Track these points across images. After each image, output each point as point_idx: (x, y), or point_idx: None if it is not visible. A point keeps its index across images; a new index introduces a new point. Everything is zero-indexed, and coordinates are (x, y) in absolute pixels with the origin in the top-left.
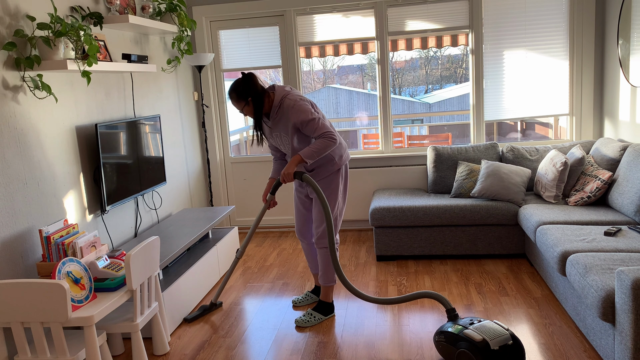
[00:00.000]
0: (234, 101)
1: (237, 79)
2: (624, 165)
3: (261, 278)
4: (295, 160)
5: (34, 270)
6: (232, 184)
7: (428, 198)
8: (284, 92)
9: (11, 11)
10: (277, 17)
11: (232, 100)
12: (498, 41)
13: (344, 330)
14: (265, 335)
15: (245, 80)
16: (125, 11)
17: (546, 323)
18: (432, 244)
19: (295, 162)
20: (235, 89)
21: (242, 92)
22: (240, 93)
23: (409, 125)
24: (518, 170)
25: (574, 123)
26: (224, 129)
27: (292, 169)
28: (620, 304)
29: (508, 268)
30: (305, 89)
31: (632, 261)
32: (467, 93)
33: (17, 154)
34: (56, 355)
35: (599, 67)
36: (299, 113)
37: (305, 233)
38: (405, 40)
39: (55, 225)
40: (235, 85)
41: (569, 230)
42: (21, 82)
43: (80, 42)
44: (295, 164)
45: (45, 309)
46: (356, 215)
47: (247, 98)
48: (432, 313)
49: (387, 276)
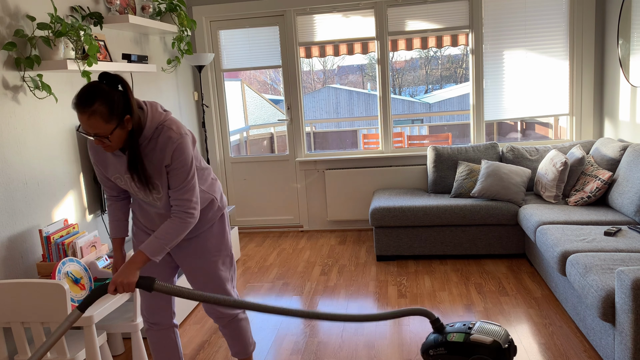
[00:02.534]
0: (95, 120)
1: (93, 83)
2: (624, 165)
3: (261, 278)
4: (138, 261)
5: (34, 270)
6: (232, 184)
7: (428, 198)
8: (160, 117)
9: (11, 11)
10: (277, 17)
11: (89, 118)
12: (498, 41)
13: (344, 330)
14: (265, 335)
15: (123, 87)
16: (125, 11)
17: (546, 323)
18: (432, 244)
19: (137, 265)
20: (106, 97)
21: (117, 105)
22: (115, 107)
23: (409, 125)
24: (518, 170)
25: (574, 123)
26: (224, 129)
27: (134, 276)
28: (620, 304)
29: (508, 268)
30: (305, 89)
31: (632, 261)
32: (467, 93)
33: (17, 154)
34: (56, 355)
35: (599, 67)
36: (180, 157)
37: (160, 314)
38: (405, 40)
39: (55, 225)
40: (104, 93)
41: (569, 230)
42: (21, 82)
43: (80, 42)
44: (138, 267)
45: (45, 309)
46: (356, 215)
47: (124, 116)
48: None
49: (387, 276)
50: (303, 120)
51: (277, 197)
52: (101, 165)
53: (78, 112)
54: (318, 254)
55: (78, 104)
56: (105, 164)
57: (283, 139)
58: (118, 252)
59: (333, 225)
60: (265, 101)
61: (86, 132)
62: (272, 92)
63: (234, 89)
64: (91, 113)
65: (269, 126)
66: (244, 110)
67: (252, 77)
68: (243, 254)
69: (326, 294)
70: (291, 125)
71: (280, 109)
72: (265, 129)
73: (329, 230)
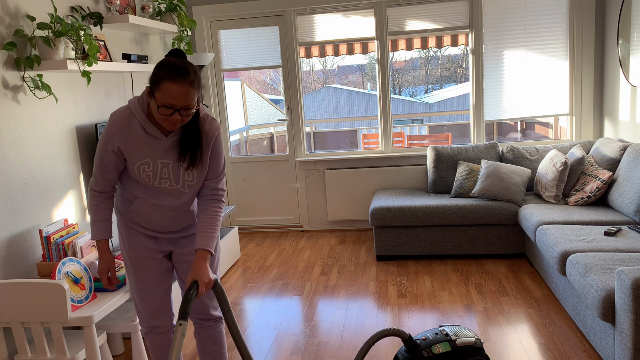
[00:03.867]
0: (193, 90)
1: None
2: (624, 165)
3: (261, 278)
4: (207, 258)
5: (34, 270)
6: (232, 184)
7: (428, 198)
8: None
9: (11, 11)
10: (277, 17)
11: (189, 88)
12: (498, 41)
13: (344, 330)
14: (265, 335)
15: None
16: (125, 11)
17: (546, 323)
18: (432, 244)
19: (207, 262)
20: (195, 68)
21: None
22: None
23: (409, 125)
24: (518, 170)
25: (574, 123)
26: (224, 128)
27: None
28: (620, 304)
29: (508, 268)
30: (305, 89)
31: (632, 261)
32: (467, 93)
33: (17, 154)
34: (56, 355)
35: (599, 67)
36: (221, 146)
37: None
38: (405, 40)
39: (55, 225)
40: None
41: (569, 230)
42: (21, 82)
43: (80, 42)
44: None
45: (45, 309)
46: (356, 215)
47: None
48: (432, 313)
49: (387, 276)
50: (303, 120)
51: (277, 197)
52: (126, 151)
53: (178, 83)
54: (318, 254)
55: (181, 75)
56: (132, 150)
57: (283, 139)
58: (108, 253)
59: (333, 225)
60: (265, 101)
61: (172, 106)
62: (272, 92)
63: (234, 89)
64: (190, 83)
65: (269, 126)
66: (244, 110)
67: (252, 77)
68: (243, 254)
69: (326, 294)
70: (291, 125)
71: (280, 109)
72: (265, 129)
73: (329, 230)
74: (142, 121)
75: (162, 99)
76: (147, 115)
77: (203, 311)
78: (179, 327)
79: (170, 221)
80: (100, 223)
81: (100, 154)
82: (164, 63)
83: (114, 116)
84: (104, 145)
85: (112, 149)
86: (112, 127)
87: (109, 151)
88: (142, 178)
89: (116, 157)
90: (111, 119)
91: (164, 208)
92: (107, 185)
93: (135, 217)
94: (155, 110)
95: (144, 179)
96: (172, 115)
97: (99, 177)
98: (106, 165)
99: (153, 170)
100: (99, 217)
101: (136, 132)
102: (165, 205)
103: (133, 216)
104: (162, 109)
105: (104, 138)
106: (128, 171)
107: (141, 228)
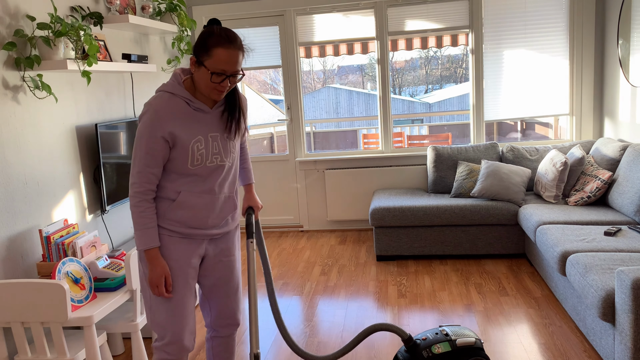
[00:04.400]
0: (242, 55)
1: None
2: (624, 165)
3: (261, 278)
4: (253, 188)
5: (34, 270)
6: None
7: (428, 198)
8: None
9: (11, 11)
10: (277, 17)
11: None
12: (498, 41)
13: (344, 330)
14: (265, 336)
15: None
16: (125, 11)
17: (546, 323)
18: (432, 244)
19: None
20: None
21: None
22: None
23: (409, 125)
24: (518, 170)
25: (574, 123)
26: None
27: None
28: (620, 304)
29: (508, 268)
30: (305, 88)
31: (632, 261)
32: (467, 93)
33: (17, 153)
34: (56, 355)
35: (599, 67)
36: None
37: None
38: (405, 40)
39: (55, 225)
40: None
41: (569, 230)
42: (21, 82)
43: (80, 42)
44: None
45: (45, 309)
46: (356, 215)
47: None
48: (432, 313)
49: (387, 276)
50: (303, 120)
51: (277, 197)
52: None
53: (230, 49)
54: (318, 254)
55: (231, 40)
56: (184, 130)
57: (283, 139)
58: (161, 260)
59: (333, 225)
60: (265, 101)
61: (224, 72)
62: (272, 92)
63: None
64: (240, 47)
65: (269, 126)
66: None
67: (252, 77)
68: (243, 254)
69: (326, 294)
70: (291, 125)
71: (280, 108)
72: (265, 129)
73: (329, 230)
74: (186, 97)
75: (214, 65)
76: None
77: (230, 315)
78: (250, 244)
79: (217, 211)
80: (151, 230)
81: (145, 148)
82: (210, 32)
83: (154, 103)
84: (150, 135)
85: (163, 134)
86: (158, 112)
87: (157, 140)
88: (195, 159)
89: (166, 145)
90: (151, 107)
91: (213, 194)
92: (153, 183)
93: (179, 215)
94: (204, 80)
95: (196, 160)
96: (223, 82)
97: (145, 175)
98: (155, 157)
99: (206, 147)
100: (148, 223)
101: (183, 111)
102: (214, 190)
103: (176, 214)
104: (215, 77)
105: (150, 127)
106: (173, 161)
107: (184, 228)
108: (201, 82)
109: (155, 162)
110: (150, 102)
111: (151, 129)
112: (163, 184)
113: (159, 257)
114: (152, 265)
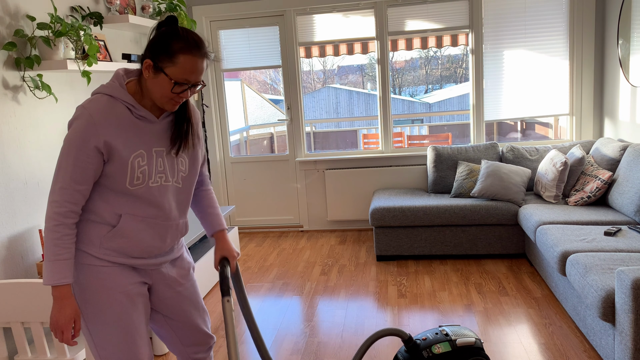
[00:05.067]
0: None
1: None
2: (624, 165)
3: (261, 278)
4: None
5: (34, 270)
6: (232, 184)
7: (428, 198)
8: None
9: (11, 11)
10: (277, 17)
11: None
12: (498, 41)
13: (344, 330)
14: (265, 336)
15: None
16: (125, 11)
17: (546, 323)
18: (432, 244)
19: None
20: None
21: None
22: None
23: (409, 125)
24: (518, 170)
25: (574, 123)
26: (224, 128)
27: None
28: (620, 304)
29: (508, 268)
30: (305, 89)
31: (632, 261)
32: (467, 93)
33: (17, 153)
34: (56, 355)
35: (599, 67)
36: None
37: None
38: (405, 40)
39: None
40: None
41: (569, 230)
42: (21, 82)
43: (80, 42)
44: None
45: (45, 309)
46: (356, 215)
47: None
48: (432, 313)
49: (387, 276)
50: (303, 120)
51: (277, 197)
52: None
53: (198, 57)
54: (318, 254)
55: (198, 47)
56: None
57: (283, 139)
58: (73, 299)
59: (333, 225)
60: (265, 101)
61: (187, 82)
62: (272, 92)
63: (234, 89)
64: (206, 55)
65: (269, 126)
66: (244, 110)
67: (252, 77)
68: (243, 254)
69: (326, 294)
70: (291, 125)
71: (280, 109)
72: (265, 129)
73: (329, 230)
74: (129, 102)
75: (178, 73)
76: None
77: (203, 340)
78: (227, 303)
79: (163, 238)
80: (63, 263)
81: (74, 159)
82: (174, 33)
83: (89, 107)
84: (82, 145)
85: (96, 144)
86: (93, 117)
87: (89, 150)
88: (135, 177)
89: (99, 157)
90: (85, 111)
91: (158, 219)
92: (77, 204)
93: (119, 243)
94: (161, 89)
95: (136, 179)
96: (183, 92)
97: (69, 192)
98: (85, 171)
99: (149, 163)
100: (62, 254)
101: (123, 119)
102: (159, 215)
103: (115, 243)
104: (177, 87)
105: (82, 135)
106: (109, 178)
107: (124, 258)
108: (156, 90)
109: (84, 177)
110: (84, 106)
111: (84, 136)
112: (98, 204)
113: (70, 297)
114: (60, 305)
